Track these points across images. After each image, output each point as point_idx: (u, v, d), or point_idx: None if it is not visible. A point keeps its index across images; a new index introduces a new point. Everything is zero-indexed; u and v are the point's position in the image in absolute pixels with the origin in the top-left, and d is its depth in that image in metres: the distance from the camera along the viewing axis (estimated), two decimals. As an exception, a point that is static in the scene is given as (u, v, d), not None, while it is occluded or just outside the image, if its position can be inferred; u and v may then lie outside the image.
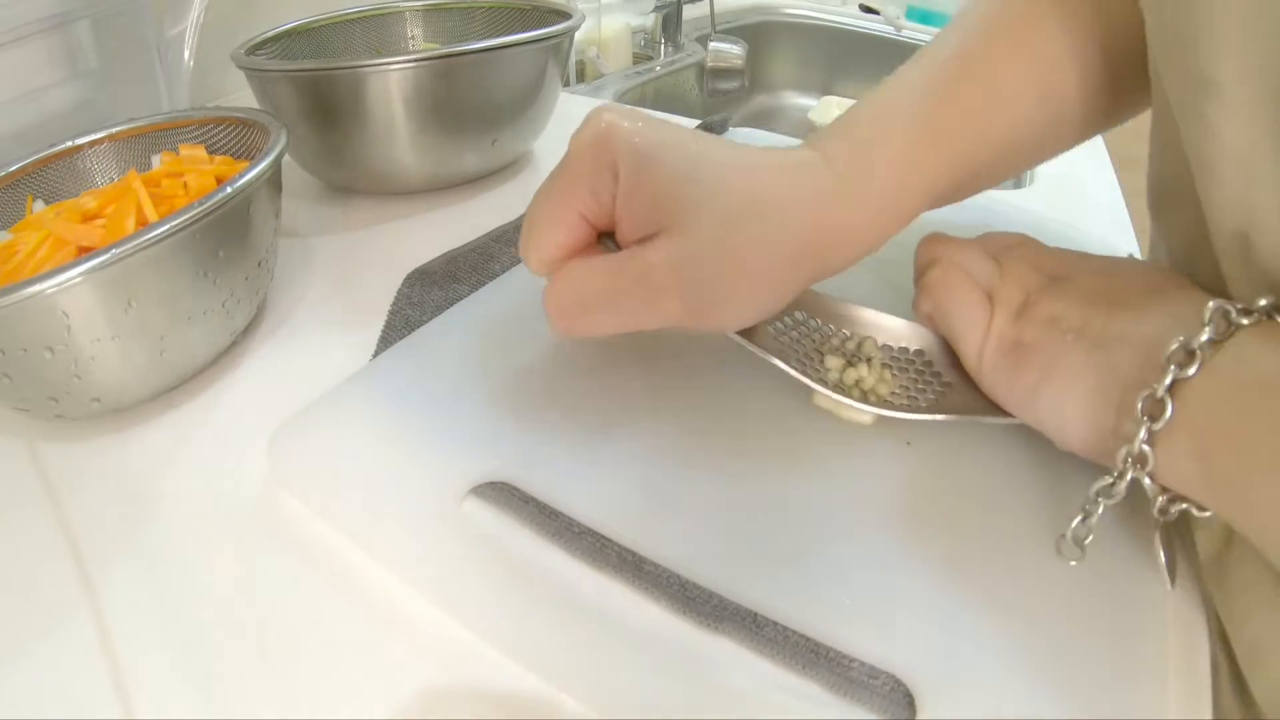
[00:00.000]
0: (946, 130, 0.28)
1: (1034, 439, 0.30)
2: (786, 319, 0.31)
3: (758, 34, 1.08)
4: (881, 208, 0.27)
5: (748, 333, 0.28)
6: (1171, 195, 0.29)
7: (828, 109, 1.02)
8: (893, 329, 0.32)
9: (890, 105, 0.28)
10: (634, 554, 0.26)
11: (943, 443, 0.30)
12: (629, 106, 0.32)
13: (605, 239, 0.27)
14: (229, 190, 0.32)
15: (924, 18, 1.06)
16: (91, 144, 0.41)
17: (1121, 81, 0.29)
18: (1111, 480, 0.24)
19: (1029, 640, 0.23)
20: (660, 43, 0.97)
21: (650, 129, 0.26)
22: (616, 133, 0.25)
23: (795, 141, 0.31)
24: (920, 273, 0.32)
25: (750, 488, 0.28)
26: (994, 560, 0.26)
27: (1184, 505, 0.23)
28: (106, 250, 0.28)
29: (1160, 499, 0.23)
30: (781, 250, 0.26)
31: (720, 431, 0.30)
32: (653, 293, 0.26)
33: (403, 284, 0.42)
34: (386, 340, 0.38)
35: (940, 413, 0.29)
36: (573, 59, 0.86)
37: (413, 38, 0.61)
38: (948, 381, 0.30)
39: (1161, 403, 0.22)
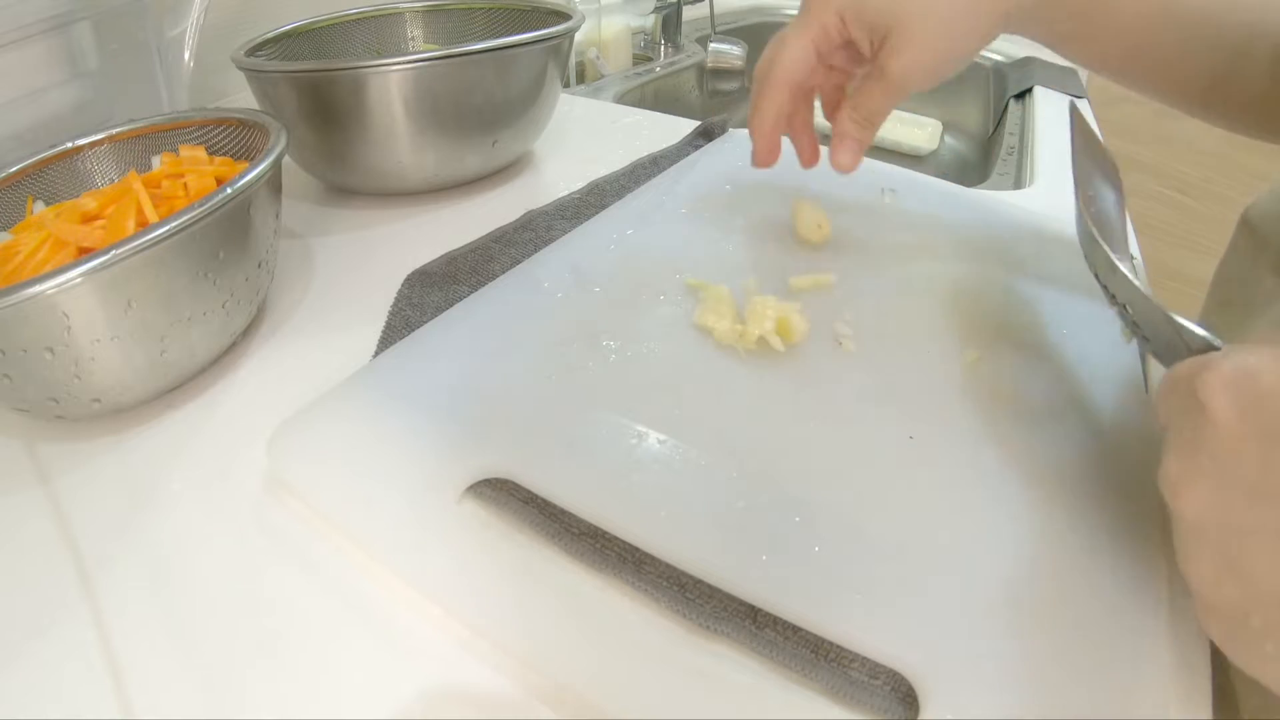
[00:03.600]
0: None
1: (1030, 441, 0.30)
2: None
3: (758, 35, 1.08)
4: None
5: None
6: None
7: (827, 109, 1.01)
8: None
9: None
10: (634, 553, 0.26)
11: (945, 437, 0.30)
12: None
13: None
14: (229, 191, 0.32)
15: (924, 18, 1.06)
16: (91, 145, 0.41)
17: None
18: None
19: (1030, 641, 0.23)
20: (660, 43, 0.97)
21: None
22: None
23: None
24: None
25: (751, 486, 0.28)
26: (995, 561, 0.26)
27: None
28: (106, 251, 0.28)
29: None
30: (971, 35, 0.35)
31: (721, 430, 0.30)
32: (893, 85, 0.35)
33: (403, 284, 0.42)
34: (386, 340, 0.38)
35: None
36: (573, 60, 0.86)
37: (413, 38, 0.61)
38: None
39: None
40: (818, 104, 0.43)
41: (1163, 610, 0.24)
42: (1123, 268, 0.27)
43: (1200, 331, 0.23)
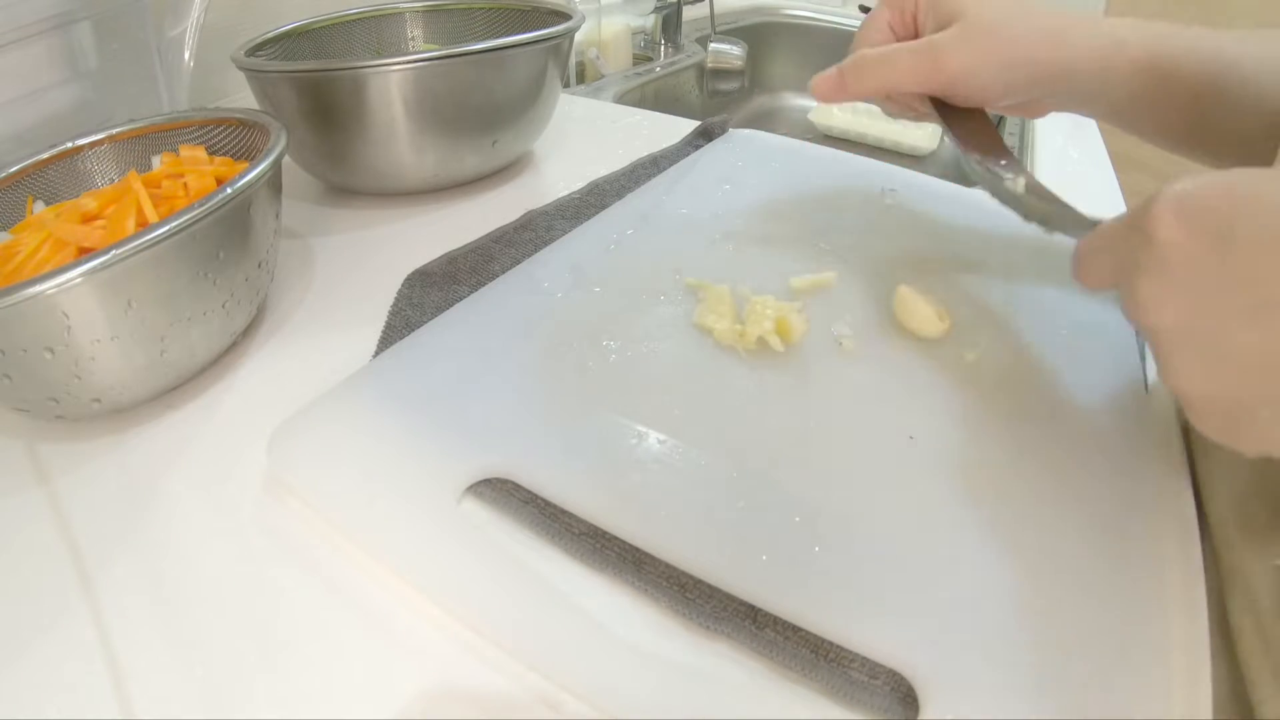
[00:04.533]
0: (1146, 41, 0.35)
1: (1029, 441, 0.30)
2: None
3: (758, 35, 1.08)
4: (1088, 49, 0.35)
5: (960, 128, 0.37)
6: None
7: (827, 110, 1.01)
8: None
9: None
10: (634, 553, 0.26)
11: (947, 437, 0.30)
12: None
13: None
14: (229, 191, 0.32)
15: (924, 18, 1.06)
16: (92, 145, 0.41)
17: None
18: None
19: (1030, 641, 0.23)
20: (660, 43, 0.97)
21: None
22: None
23: (799, 142, 0.37)
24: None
25: (750, 486, 0.28)
26: (995, 561, 0.26)
27: None
28: (106, 251, 0.28)
29: None
30: (1032, 34, 0.35)
31: (721, 430, 0.30)
32: (938, 59, 0.36)
33: (403, 284, 0.42)
34: (386, 340, 0.38)
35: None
36: (573, 60, 0.86)
37: (413, 38, 0.61)
38: None
39: None
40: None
41: (1163, 610, 0.24)
42: (1007, 177, 0.33)
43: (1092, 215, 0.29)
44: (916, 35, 0.38)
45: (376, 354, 0.37)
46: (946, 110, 0.38)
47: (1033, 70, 0.35)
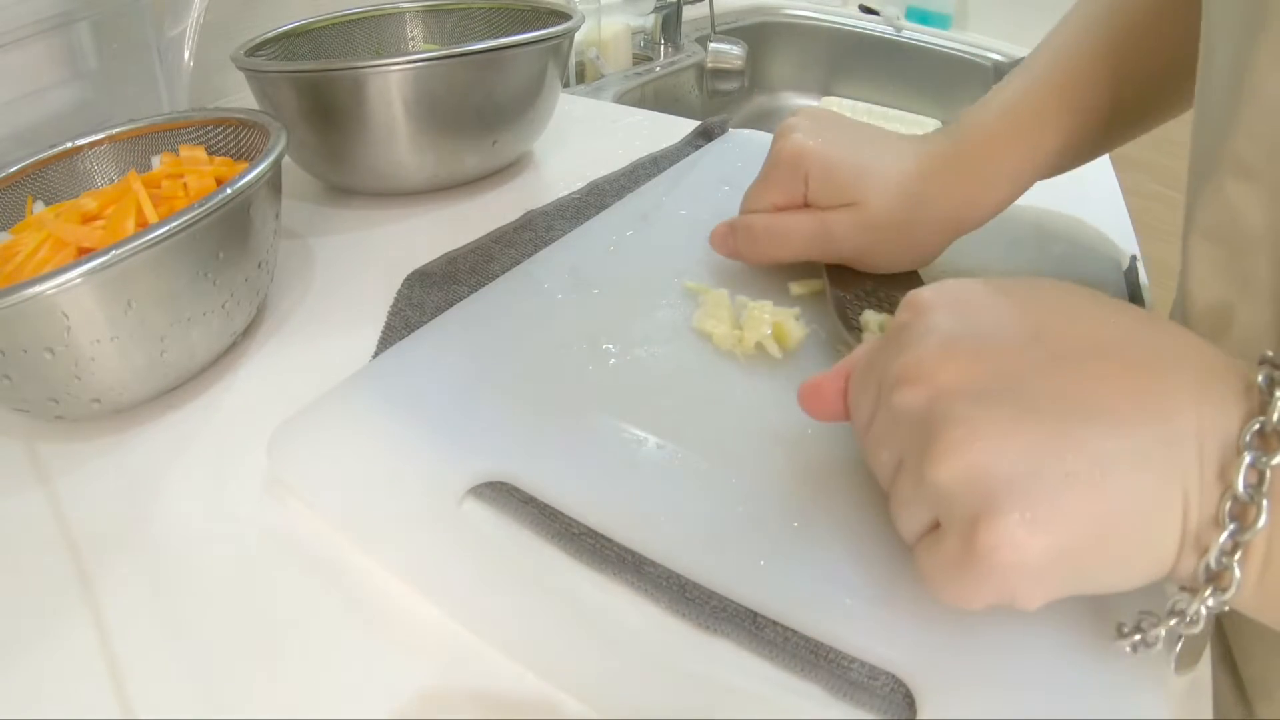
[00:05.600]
0: (1053, 119, 0.35)
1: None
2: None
3: (758, 34, 1.08)
4: (1005, 184, 0.35)
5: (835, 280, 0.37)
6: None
7: (827, 109, 1.02)
8: None
9: (1008, 99, 0.35)
10: (634, 554, 0.26)
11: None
12: (814, 109, 0.40)
13: None
14: (229, 191, 0.32)
15: (923, 18, 1.06)
16: (91, 145, 0.41)
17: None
18: (1179, 606, 0.20)
19: (1029, 640, 0.23)
20: (660, 43, 0.97)
21: (833, 143, 0.36)
22: (807, 153, 0.36)
23: None
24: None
25: (749, 491, 0.28)
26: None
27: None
28: (106, 251, 0.28)
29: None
30: (931, 222, 0.35)
31: (720, 435, 0.30)
32: (832, 241, 0.36)
33: (402, 285, 0.42)
34: (386, 340, 0.38)
35: None
36: (573, 60, 0.86)
37: (413, 38, 0.61)
38: None
39: (1247, 508, 0.18)
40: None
41: (1163, 609, 0.24)
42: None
43: None
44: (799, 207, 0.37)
45: (376, 354, 0.37)
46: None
47: (941, 243, 0.36)
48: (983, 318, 0.21)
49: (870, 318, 0.34)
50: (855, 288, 0.36)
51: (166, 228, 0.30)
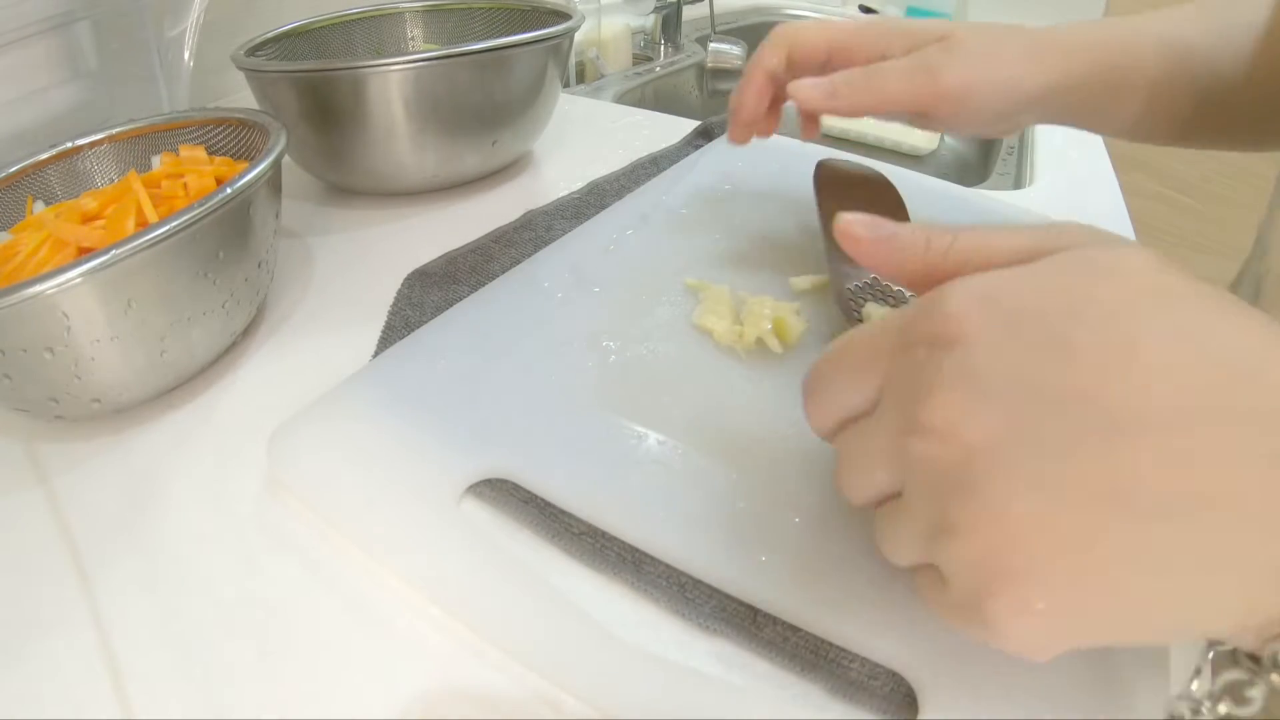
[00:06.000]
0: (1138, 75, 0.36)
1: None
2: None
3: (758, 34, 1.08)
4: (1078, 66, 0.35)
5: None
6: None
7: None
8: None
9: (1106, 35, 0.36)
10: (634, 553, 0.26)
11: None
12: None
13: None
14: (229, 191, 0.32)
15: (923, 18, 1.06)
16: (91, 145, 0.41)
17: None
18: (1245, 678, 0.17)
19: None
20: (660, 43, 0.97)
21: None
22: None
23: (799, 142, 0.37)
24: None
25: (750, 487, 0.28)
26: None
27: None
28: (106, 251, 0.28)
29: None
30: (1018, 51, 0.35)
31: (720, 431, 0.30)
32: (930, 72, 0.34)
33: (402, 284, 0.42)
34: (386, 340, 0.38)
35: None
36: (573, 59, 0.86)
37: (413, 38, 0.61)
38: None
39: None
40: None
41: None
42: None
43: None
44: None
45: (376, 354, 0.37)
46: (827, 187, 0.38)
47: (1024, 90, 0.35)
48: (1029, 351, 0.17)
49: (873, 310, 0.34)
50: (858, 280, 0.36)
51: (166, 228, 0.30)
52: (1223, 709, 0.17)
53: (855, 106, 0.35)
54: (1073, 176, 0.59)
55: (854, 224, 0.22)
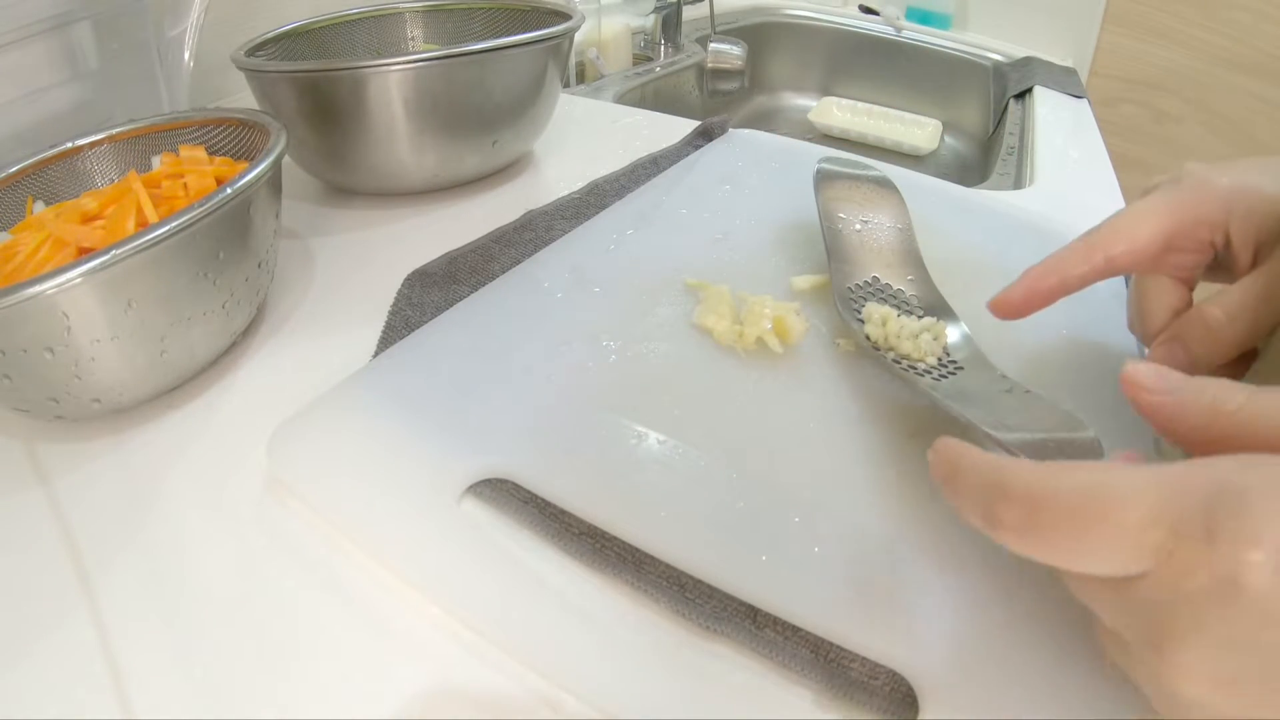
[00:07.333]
0: None
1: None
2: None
3: (758, 35, 1.08)
4: None
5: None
6: None
7: (827, 110, 1.02)
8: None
9: None
10: (634, 553, 0.26)
11: (944, 436, 0.30)
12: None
13: None
14: (229, 191, 0.32)
15: (924, 18, 1.06)
16: (91, 145, 0.41)
17: None
18: None
19: (1031, 640, 0.23)
20: (660, 43, 0.97)
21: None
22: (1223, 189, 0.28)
23: (799, 142, 0.33)
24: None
25: (750, 486, 0.28)
26: (995, 560, 0.26)
27: None
28: (106, 251, 0.28)
29: None
30: None
31: (720, 430, 0.30)
32: None
33: (402, 284, 0.42)
34: (386, 340, 0.38)
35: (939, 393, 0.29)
36: (573, 60, 0.86)
37: (413, 39, 0.61)
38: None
39: None
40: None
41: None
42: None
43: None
44: (1215, 259, 0.30)
45: (376, 354, 0.37)
46: None
47: None
48: None
49: (873, 310, 0.34)
50: (858, 280, 0.36)
51: (166, 228, 0.30)
52: None
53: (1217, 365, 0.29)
54: (1073, 176, 0.59)
55: (1141, 374, 0.21)
